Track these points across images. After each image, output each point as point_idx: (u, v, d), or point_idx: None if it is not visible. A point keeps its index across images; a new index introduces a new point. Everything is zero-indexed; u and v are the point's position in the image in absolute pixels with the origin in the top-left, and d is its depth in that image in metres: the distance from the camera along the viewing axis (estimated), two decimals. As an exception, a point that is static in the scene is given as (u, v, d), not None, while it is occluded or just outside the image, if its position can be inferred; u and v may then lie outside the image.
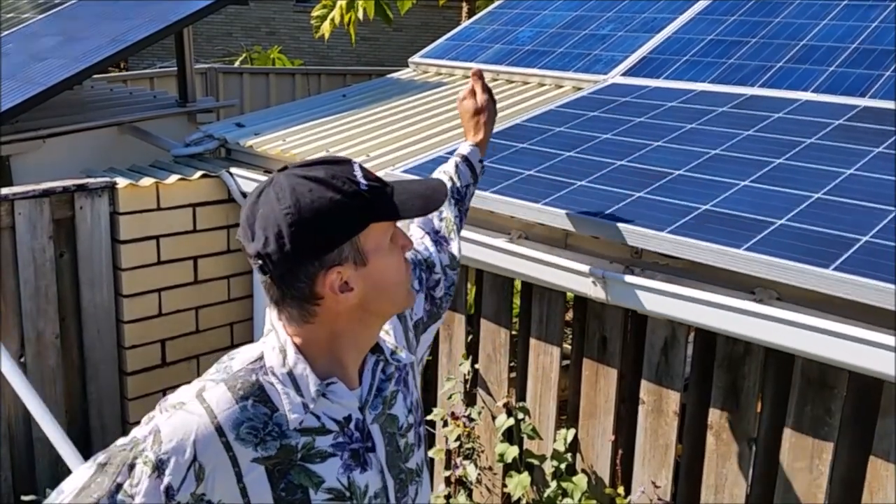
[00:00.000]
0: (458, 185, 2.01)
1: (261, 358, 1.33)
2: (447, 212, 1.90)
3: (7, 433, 3.29)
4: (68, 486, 1.25)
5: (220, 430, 1.25)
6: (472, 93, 2.20)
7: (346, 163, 1.30)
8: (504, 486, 2.90)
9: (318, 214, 1.24)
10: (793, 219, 2.26)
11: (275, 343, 1.33)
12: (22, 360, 3.27)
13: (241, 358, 1.34)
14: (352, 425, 1.35)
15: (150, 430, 1.25)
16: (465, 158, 2.08)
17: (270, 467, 1.28)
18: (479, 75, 2.20)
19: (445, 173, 2.02)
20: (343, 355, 1.35)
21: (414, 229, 1.85)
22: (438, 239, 1.85)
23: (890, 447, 2.06)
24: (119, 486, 1.22)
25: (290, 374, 1.30)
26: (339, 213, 1.25)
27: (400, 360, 1.45)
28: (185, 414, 1.25)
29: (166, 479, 1.22)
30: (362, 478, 1.34)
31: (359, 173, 1.29)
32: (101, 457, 1.26)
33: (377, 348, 1.42)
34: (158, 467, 1.22)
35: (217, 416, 1.25)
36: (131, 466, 1.23)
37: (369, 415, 1.37)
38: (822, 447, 2.18)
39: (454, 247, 1.86)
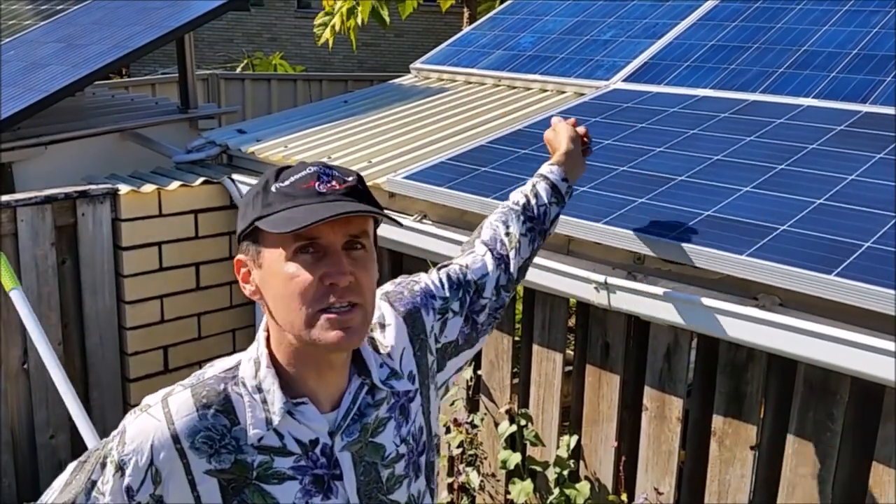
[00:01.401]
0: (533, 202, 1.87)
1: (236, 367, 1.32)
2: (514, 227, 1.79)
3: (10, 440, 3.29)
4: (56, 483, 1.33)
5: (175, 436, 1.25)
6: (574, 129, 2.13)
7: (315, 167, 1.27)
8: (507, 492, 2.90)
9: (242, 201, 1.33)
10: (795, 224, 2.26)
11: (253, 354, 1.32)
12: (25, 366, 3.27)
13: (218, 365, 1.34)
14: (317, 450, 1.30)
15: (119, 430, 1.29)
16: (545, 177, 1.94)
17: (224, 482, 1.26)
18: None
19: (521, 191, 1.90)
20: (303, 374, 1.30)
21: (478, 245, 1.74)
22: (501, 256, 1.73)
23: (892, 453, 2.06)
24: (93, 483, 1.28)
25: (259, 387, 1.28)
26: (244, 206, 1.31)
27: (392, 387, 1.38)
28: (147, 417, 1.27)
29: (126, 480, 1.26)
30: None
31: (296, 177, 1.25)
32: (84, 455, 1.32)
33: (364, 370, 1.36)
34: (121, 468, 1.26)
35: (175, 422, 1.26)
36: (103, 465, 1.28)
37: (340, 441, 1.31)
38: (825, 453, 2.18)
39: (513, 266, 1.74)
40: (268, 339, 1.32)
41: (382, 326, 1.44)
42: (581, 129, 2.13)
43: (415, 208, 2.97)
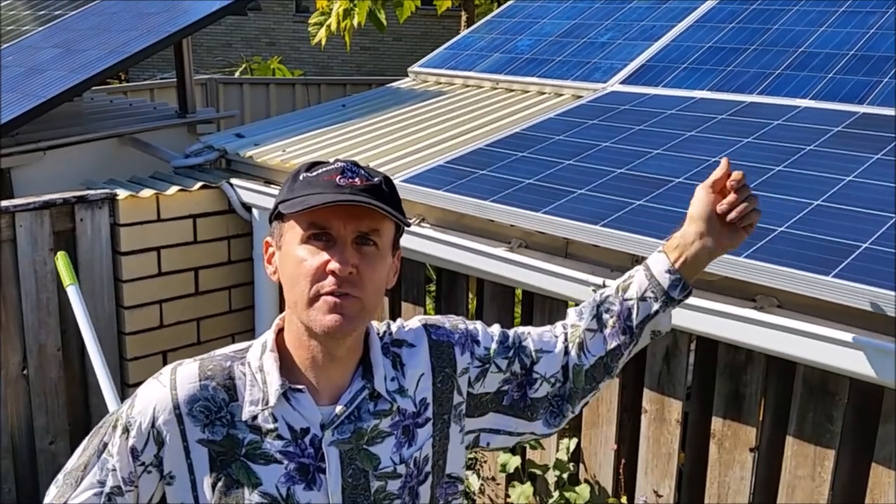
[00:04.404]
0: (619, 296, 1.52)
1: (246, 349, 1.39)
2: (583, 320, 1.53)
3: (10, 446, 3.29)
4: (77, 449, 1.42)
5: (176, 402, 1.33)
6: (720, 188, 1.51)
7: (344, 163, 1.33)
8: (507, 496, 2.90)
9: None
10: (792, 226, 2.26)
11: (263, 338, 1.39)
12: (24, 372, 3.27)
13: (232, 346, 1.42)
14: (307, 439, 1.33)
15: (133, 395, 1.38)
16: (647, 267, 1.52)
17: (213, 454, 1.32)
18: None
19: (623, 277, 1.56)
20: (305, 361, 1.34)
21: (559, 324, 1.57)
22: (566, 345, 1.53)
23: (891, 453, 2.06)
24: (105, 446, 1.37)
25: (261, 367, 1.34)
26: (279, 191, 1.35)
27: (395, 401, 1.38)
28: (156, 383, 1.36)
29: (131, 441, 1.34)
30: (305, 495, 1.32)
31: (323, 169, 1.31)
32: (101, 421, 1.42)
33: (369, 374, 1.37)
34: (127, 430, 1.34)
35: (178, 389, 1.33)
36: (114, 427, 1.37)
37: (330, 436, 1.33)
38: (824, 454, 2.18)
39: (579, 359, 1.51)
40: (281, 328, 1.39)
41: (410, 346, 1.44)
42: (729, 189, 1.49)
43: (413, 211, 2.97)
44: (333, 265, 1.26)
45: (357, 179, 1.29)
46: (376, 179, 1.31)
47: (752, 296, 2.19)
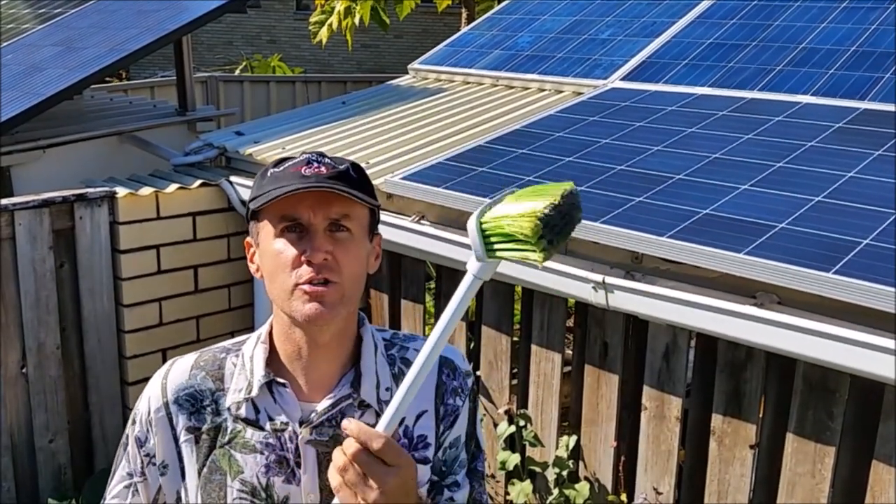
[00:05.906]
0: None
1: (244, 341, 1.41)
2: None
3: (9, 443, 3.28)
4: None
5: (164, 391, 1.37)
6: None
7: (309, 154, 1.32)
8: (507, 493, 2.89)
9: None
10: (793, 222, 2.26)
11: (261, 330, 1.40)
12: (23, 370, 3.27)
13: (235, 339, 1.44)
14: (286, 434, 1.33)
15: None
16: None
17: (199, 440, 1.35)
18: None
19: None
20: (291, 356, 1.34)
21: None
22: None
23: (892, 451, 2.05)
24: (128, 438, 1.41)
25: (252, 358, 1.36)
26: (251, 192, 1.36)
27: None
28: (155, 375, 1.41)
29: (136, 432, 1.38)
30: (284, 488, 1.32)
31: (289, 163, 1.31)
32: None
33: (358, 383, 1.34)
34: (135, 421, 1.39)
35: (168, 379, 1.38)
36: (132, 421, 1.41)
37: (307, 434, 1.32)
38: (825, 451, 2.17)
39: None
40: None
41: None
42: None
43: (413, 209, 2.96)
44: (310, 254, 1.27)
45: (322, 168, 1.29)
46: (342, 167, 1.31)
47: (753, 292, 2.18)
